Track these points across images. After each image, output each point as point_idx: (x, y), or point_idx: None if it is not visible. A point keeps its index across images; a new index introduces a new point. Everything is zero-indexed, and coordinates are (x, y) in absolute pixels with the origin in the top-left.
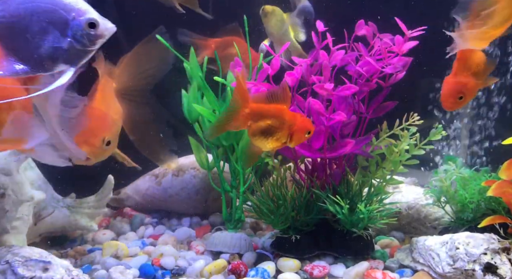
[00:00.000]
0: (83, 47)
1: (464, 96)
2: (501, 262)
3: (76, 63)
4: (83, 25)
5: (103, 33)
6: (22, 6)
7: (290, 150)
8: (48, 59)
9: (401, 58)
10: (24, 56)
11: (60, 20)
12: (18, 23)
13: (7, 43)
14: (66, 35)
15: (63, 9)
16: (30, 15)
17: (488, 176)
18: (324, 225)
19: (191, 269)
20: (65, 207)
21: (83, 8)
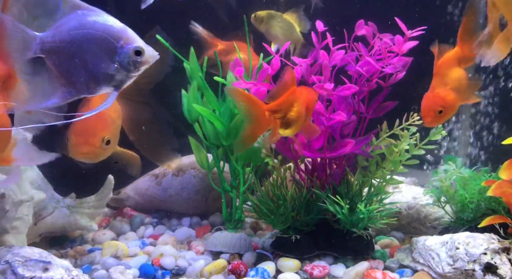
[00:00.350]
0: (127, 73)
1: (444, 110)
2: (501, 262)
3: (120, 87)
4: (130, 53)
5: (148, 60)
6: (73, 32)
7: (290, 150)
8: (95, 83)
9: (401, 58)
10: (71, 79)
11: (109, 47)
12: (68, 48)
13: (57, 66)
14: (113, 61)
15: (112, 37)
16: (81, 41)
17: (488, 176)
18: (324, 225)
19: (191, 269)
20: (65, 207)
21: (131, 36)
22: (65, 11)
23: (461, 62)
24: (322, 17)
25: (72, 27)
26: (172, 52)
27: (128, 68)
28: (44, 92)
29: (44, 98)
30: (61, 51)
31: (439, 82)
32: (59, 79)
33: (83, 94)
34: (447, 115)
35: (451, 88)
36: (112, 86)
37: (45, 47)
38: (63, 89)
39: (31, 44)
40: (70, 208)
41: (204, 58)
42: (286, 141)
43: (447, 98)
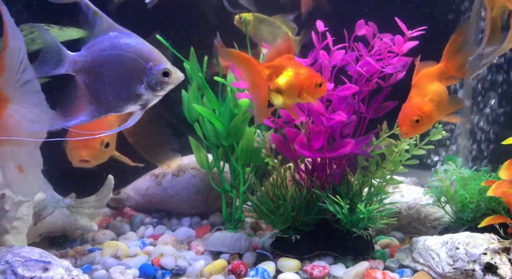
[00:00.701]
0: (154, 92)
1: (420, 119)
2: (501, 262)
3: (146, 106)
4: (158, 74)
5: (174, 81)
6: (105, 53)
7: (290, 150)
8: (122, 102)
9: (401, 58)
10: (100, 97)
11: (138, 68)
12: (99, 68)
13: (87, 84)
14: (142, 81)
15: (142, 58)
16: (111, 61)
17: (488, 176)
18: (324, 225)
19: (191, 269)
20: (65, 207)
21: (159, 58)
22: (100, 31)
23: (442, 78)
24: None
25: (104, 48)
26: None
27: (155, 88)
28: (72, 109)
29: (73, 115)
30: (92, 70)
31: (417, 93)
32: (88, 97)
33: (110, 112)
34: (424, 125)
35: (430, 99)
36: (138, 105)
37: (77, 65)
38: (92, 107)
39: (64, 61)
40: (70, 208)
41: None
42: (286, 141)
43: (424, 108)
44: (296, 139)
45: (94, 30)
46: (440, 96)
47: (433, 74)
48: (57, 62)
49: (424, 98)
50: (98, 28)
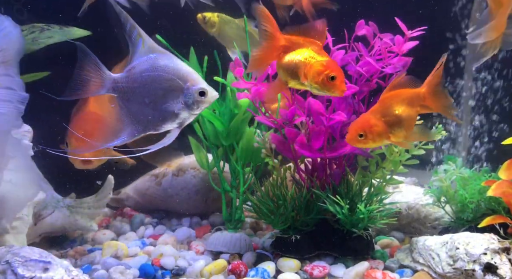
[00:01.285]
0: (191, 111)
1: (364, 135)
2: (501, 262)
3: (183, 124)
4: (195, 93)
5: (209, 100)
6: (145, 74)
7: (290, 150)
8: (161, 121)
9: (401, 58)
10: (139, 117)
11: (176, 88)
12: (139, 89)
13: (127, 105)
14: (179, 101)
15: (180, 78)
16: (151, 82)
17: (488, 176)
18: (324, 225)
19: (191, 269)
20: (65, 207)
21: (196, 78)
22: (142, 53)
23: (415, 105)
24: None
25: (144, 69)
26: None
27: (192, 107)
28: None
29: (114, 134)
30: (133, 91)
31: (377, 110)
32: (128, 117)
33: (149, 131)
34: (368, 143)
35: (386, 120)
36: (176, 124)
37: (118, 86)
38: (132, 126)
39: (105, 82)
40: (70, 208)
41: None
42: (286, 141)
43: (372, 127)
44: (296, 139)
45: (136, 52)
46: (401, 121)
47: (406, 97)
48: (98, 83)
49: (381, 117)
50: (140, 50)
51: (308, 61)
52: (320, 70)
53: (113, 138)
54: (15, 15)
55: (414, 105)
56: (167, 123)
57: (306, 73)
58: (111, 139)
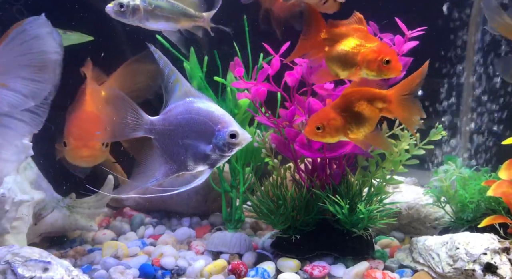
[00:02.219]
0: (222, 153)
1: (322, 128)
2: (501, 262)
3: (214, 165)
4: (226, 136)
5: (241, 142)
6: (180, 117)
7: (290, 150)
8: (193, 162)
9: (401, 58)
10: (173, 158)
11: (208, 130)
12: (175, 131)
13: (163, 146)
14: (210, 142)
15: (211, 121)
16: (185, 124)
17: (488, 176)
18: (324, 225)
19: (191, 269)
20: (65, 207)
21: (227, 120)
22: (178, 96)
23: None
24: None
25: (179, 112)
26: (172, 52)
27: (223, 149)
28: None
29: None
30: (168, 133)
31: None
32: (163, 157)
33: (181, 171)
34: (326, 135)
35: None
36: (207, 165)
37: (155, 129)
38: (166, 166)
39: (144, 125)
40: (70, 208)
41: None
42: (286, 141)
43: (330, 120)
44: (296, 139)
45: (173, 95)
46: (361, 119)
47: (369, 96)
48: (136, 126)
49: (341, 112)
50: (176, 94)
51: (359, 50)
52: (374, 57)
53: (149, 178)
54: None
55: (376, 105)
56: (199, 164)
57: (360, 63)
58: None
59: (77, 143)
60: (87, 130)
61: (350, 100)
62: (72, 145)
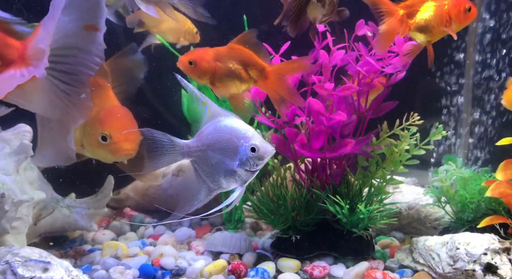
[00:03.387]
0: (248, 168)
1: (194, 64)
2: (502, 262)
3: (245, 182)
4: (247, 150)
5: (263, 156)
6: (210, 136)
7: (290, 150)
8: (225, 180)
9: (401, 58)
10: (209, 177)
11: (232, 146)
12: (207, 151)
13: (199, 167)
14: (236, 158)
15: (235, 137)
16: (214, 144)
17: (488, 176)
18: (324, 225)
19: (191, 269)
20: (65, 207)
21: (251, 136)
22: (207, 118)
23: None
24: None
25: (209, 132)
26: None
27: (247, 164)
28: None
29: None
30: (202, 154)
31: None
32: (201, 178)
33: (219, 190)
34: (194, 72)
35: (218, 64)
36: (238, 181)
37: (191, 151)
38: (205, 186)
39: (180, 151)
40: (70, 208)
41: None
42: (286, 141)
43: (203, 61)
44: (296, 139)
45: (203, 118)
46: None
47: (247, 61)
48: (174, 153)
49: (216, 59)
50: (206, 115)
51: (443, 9)
52: (459, 10)
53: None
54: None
55: (251, 73)
56: (231, 181)
57: (451, 19)
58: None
59: (119, 136)
60: (126, 124)
61: (230, 54)
62: (116, 138)
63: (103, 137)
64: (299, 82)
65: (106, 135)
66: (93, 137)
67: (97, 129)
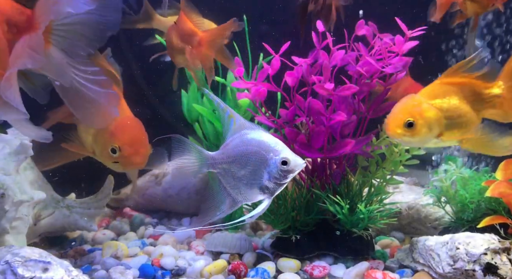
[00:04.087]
0: (277, 181)
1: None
2: (502, 262)
3: (273, 193)
4: (278, 163)
5: (294, 169)
6: (236, 149)
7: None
8: (252, 192)
9: (401, 58)
10: (235, 189)
11: (261, 159)
12: (233, 163)
13: (225, 178)
14: (265, 171)
15: (264, 150)
16: (241, 156)
17: (488, 176)
18: (324, 225)
19: (191, 269)
20: (65, 207)
21: (280, 149)
22: (234, 130)
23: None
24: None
25: (235, 145)
26: None
27: (277, 177)
28: (216, 201)
29: (216, 206)
30: (228, 166)
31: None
32: (226, 190)
33: (243, 202)
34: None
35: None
36: (266, 194)
37: (216, 163)
38: (230, 198)
39: (206, 162)
40: (70, 208)
41: None
42: (286, 141)
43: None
44: (296, 139)
45: (230, 130)
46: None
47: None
48: (199, 164)
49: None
50: (232, 127)
51: None
52: None
53: (216, 210)
54: None
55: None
56: (257, 194)
57: None
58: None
59: (129, 149)
60: (137, 136)
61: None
62: (125, 152)
63: (113, 150)
64: (299, 82)
65: (116, 147)
66: (103, 148)
67: (107, 141)
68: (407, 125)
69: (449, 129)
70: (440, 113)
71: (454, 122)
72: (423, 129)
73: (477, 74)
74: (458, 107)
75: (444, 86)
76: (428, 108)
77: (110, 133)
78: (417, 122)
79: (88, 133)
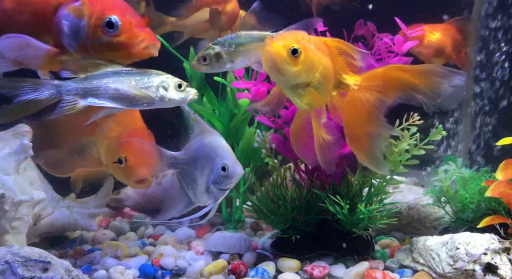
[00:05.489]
0: (218, 186)
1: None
2: (502, 262)
3: (216, 199)
4: (219, 169)
5: (230, 175)
6: (195, 151)
7: (290, 150)
8: (201, 195)
9: (401, 58)
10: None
11: (210, 164)
12: (191, 165)
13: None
14: (211, 175)
15: (214, 154)
16: (198, 159)
17: (488, 176)
18: (324, 225)
19: (191, 269)
20: (65, 207)
21: (226, 155)
22: (196, 134)
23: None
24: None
25: (195, 147)
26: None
27: (218, 182)
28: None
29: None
30: (186, 167)
31: None
32: (183, 189)
33: (196, 204)
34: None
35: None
36: (211, 198)
37: (177, 162)
38: (186, 198)
39: (168, 161)
40: (70, 208)
41: None
42: (286, 141)
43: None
44: None
45: (193, 133)
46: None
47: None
48: (162, 163)
49: None
50: (195, 131)
51: None
52: None
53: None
54: None
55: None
56: (205, 197)
57: None
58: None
59: (135, 161)
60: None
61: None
62: (131, 163)
63: (119, 160)
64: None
65: (122, 158)
66: (111, 158)
67: (115, 151)
68: (291, 51)
69: (315, 87)
70: (321, 63)
71: (320, 83)
72: (303, 64)
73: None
74: (330, 73)
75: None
76: (314, 50)
77: (118, 143)
78: (301, 53)
79: (102, 145)
